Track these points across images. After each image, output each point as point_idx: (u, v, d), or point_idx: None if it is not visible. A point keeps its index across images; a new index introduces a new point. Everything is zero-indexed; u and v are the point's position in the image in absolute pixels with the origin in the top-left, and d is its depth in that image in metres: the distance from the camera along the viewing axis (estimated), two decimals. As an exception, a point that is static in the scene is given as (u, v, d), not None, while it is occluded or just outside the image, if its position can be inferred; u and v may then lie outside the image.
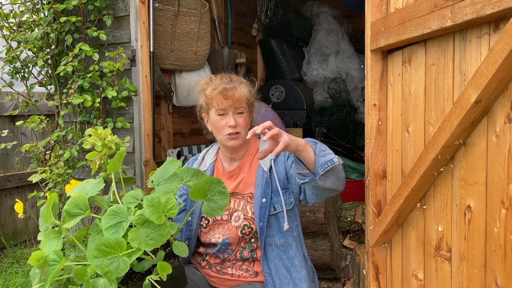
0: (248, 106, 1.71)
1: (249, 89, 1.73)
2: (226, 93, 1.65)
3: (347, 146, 4.42)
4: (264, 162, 1.70)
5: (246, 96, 1.69)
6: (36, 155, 2.64)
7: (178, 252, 1.27)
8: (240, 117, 1.68)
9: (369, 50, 1.61)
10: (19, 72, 2.69)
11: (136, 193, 1.27)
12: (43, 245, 1.20)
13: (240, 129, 1.68)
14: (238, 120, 1.67)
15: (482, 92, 1.04)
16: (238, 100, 1.66)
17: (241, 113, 1.68)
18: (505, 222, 1.06)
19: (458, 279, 1.25)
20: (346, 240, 3.08)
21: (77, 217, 1.19)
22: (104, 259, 1.08)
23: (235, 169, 1.76)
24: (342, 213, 3.08)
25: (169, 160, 1.33)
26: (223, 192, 1.25)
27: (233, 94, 1.65)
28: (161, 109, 3.41)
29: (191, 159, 1.92)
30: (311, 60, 4.85)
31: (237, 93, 1.66)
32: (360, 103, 4.72)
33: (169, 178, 1.27)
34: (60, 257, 1.14)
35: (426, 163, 1.29)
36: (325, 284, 3.05)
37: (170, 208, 1.16)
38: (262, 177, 1.68)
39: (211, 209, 1.24)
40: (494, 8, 0.98)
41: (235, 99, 1.66)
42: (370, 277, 1.69)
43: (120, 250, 1.11)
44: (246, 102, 1.70)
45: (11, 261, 3.58)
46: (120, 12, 2.58)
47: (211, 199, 1.24)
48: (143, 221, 1.14)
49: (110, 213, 1.17)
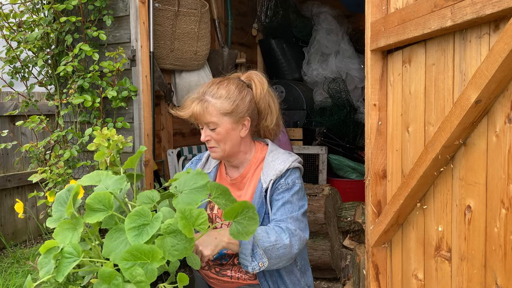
0: (229, 117, 1.58)
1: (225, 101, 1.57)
2: (184, 110, 1.60)
3: (347, 146, 4.43)
4: (265, 179, 1.63)
5: (217, 109, 1.57)
6: (36, 155, 2.64)
7: (191, 263, 1.26)
8: (212, 132, 1.60)
9: (369, 50, 1.61)
10: (19, 72, 2.69)
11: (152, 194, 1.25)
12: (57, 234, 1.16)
13: (214, 143, 1.62)
14: (210, 134, 1.60)
15: (482, 92, 1.04)
16: (197, 116, 1.58)
17: (213, 128, 1.59)
18: (505, 222, 1.06)
19: (458, 279, 1.25)
20: (346, 240, 3.08)
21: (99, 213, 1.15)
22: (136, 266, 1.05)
23: (237, 178, 1.71)
24: (342, 213, 3.08)
25: (198, 172, 1.27)
26: (253, 218, 1.21)
27: (190, 110, 1.58)
28: (161, 109, 3.42)
29: (195, 159, 1.87)
30: (311, 60, 4.86)
31: (196, 109, 1.57)
32: (360, 103, 4.72)
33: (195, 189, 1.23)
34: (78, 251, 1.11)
35: (426, 163, 1.29)
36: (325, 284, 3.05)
37: (201, 223, 1.14)
38: (260, 195, 1.63)
39: (238, 232, 1.19)
40: (494, 8, 0.98)
41: (193, 115, 1.58)
42: (370, 277, 1.69)
43: (152, 259, 1.08)
44: (220, 115, 1.57)
45: (11, 261, 3.58)
46: (120, 12, 2.58)
47: (240, 222, 1.20)
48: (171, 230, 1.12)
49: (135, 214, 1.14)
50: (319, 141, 4.38)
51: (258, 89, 1.66)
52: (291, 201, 1.60)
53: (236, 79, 1.67)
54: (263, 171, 1.64)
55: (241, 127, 1.63)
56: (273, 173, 1.61)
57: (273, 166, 1.63)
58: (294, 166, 1.64)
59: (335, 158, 4.25)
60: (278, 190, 1.60)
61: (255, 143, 1.74)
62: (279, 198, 1.60)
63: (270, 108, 1.70)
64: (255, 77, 1.68)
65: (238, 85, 1.63)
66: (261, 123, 1.71)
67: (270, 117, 1.71)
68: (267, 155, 1.68)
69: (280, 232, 1.53)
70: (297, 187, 1.61)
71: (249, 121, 1.64)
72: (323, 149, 4.25)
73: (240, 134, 1.63)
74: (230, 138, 1.61)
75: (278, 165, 1.62)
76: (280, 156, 1.66)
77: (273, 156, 1.67)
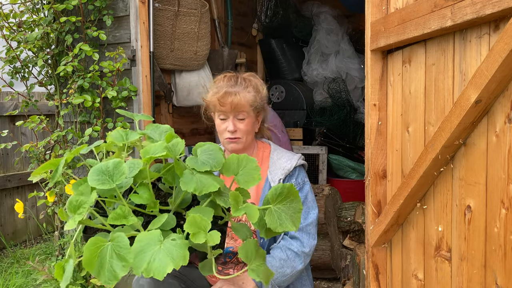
0: (253, 110, 1.65)
1: (254, 94, 1.64)
2: (223, 100, 1.60)
3: (347, 146, 4.43)
4: (273, 178, 1.65)
5: (249, 101, 1.62)
6: (36, 155, 2.64)
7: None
8: (241, 122, 1.63)
9: (369, 50, 1.61)
10: (19, 72, 2.69)
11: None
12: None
13: (240, 134, 1.64)
14: (238, 125, 1.63)
15: (482, 92, 1.04)
16: (236, 106, 1.60)
17: (242, 119, 1.63)
18: (505, 222, 1.06)
19: (458, 279, 1.25)
20: (346, 240, 3.08)
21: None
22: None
23: None
24: (342, 213, 3.08)
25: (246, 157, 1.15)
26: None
27: (231, 101, 1.60)
28: (161, 109, 3.41)
29: None
30: (311, 60, 4.85)
31: (236, 99, 1.60)
32: (360, 103, 4.72)
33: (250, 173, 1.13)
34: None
35: (426, 163, 1.29)
36: (325, 284, 3.05)
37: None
38: None
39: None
40: (494, 8, 0.98)
41: (233, 105, 1.60)
42: (370, 277, 1.69)
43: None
44: (249, 107, 1.63)
45: (11, 261, 3.58)
46: (120, 12, 2.58)
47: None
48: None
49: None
50: (319, 141, 4.38)
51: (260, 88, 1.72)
52: (306, 201, 1.65)
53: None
54: (270, 170, 1.67)
55: (257, 123, 1.72)
56: (281, 172, 1.65)
57: (280, 165, 1.67)
58: (300, 163, 1.69)
59: (335, 158, 4.25)
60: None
61: (257, 141, 1.80)
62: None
63: (265, 112, 1.77)
64: (257, 79, 1.74)
65: (258, 81, 1.71)
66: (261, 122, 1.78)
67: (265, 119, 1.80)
68: (272, 153, 1.73)
69: (294, 259, 1.58)
70: (307, 186, 1.67)
71: (261, 117, 1.73)
72: (323, 149, 4.25)
73: (255, 128, 1.72)
74: (251, 131, 1.68)
75: (285, 163, 1.67)
76: (285, 154, 1.71)
77: (277, 154, 1.71)
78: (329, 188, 3.12)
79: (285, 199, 1.04)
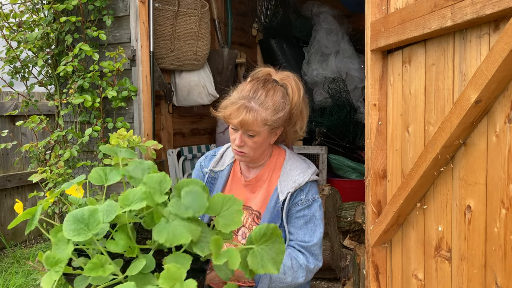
0: (267, 129, 1.51)
1: (271, 113, 1.49)
2: (230, 120, 1.49)
3: (347, 146, 4.43)
4: (282, 189, 1.56)
5: (262, 120, 1.48)
6: (36, 155, 2.64)
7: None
8: (250, 138, 1.52)
9: (369, 50, 1.61)
10: (19, 72, 2.70)
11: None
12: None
13: (247, 150, 1.54)
14: (246, 141, 1.52)
15: (482, 92, 1.04)
16: (245, 125, 1.48)
17: (251, 135, 1.51)
18: (505, 222, 1.06)
19: (458, 279, 1.25)
20: (346, 240, 3.08)
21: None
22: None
23: (252, 180, 1.64)
24: (342, 213, 3.08)
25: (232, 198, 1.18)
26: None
27: (239, 121, 1.47)
28: (161, 109, 3.42)
29: (209, 154, 1.78)
30: (311, 60, 4.85)
31: (247, 117, 1.47)
32: (360, 103, 4.72)
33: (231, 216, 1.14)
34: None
35: (426, 163, 1.29)
36: (325, 284, 3.05)
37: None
38: (275, 204, 1.56)
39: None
40: (494, 8, 0.98)
41: (241, 124, 1.48)
42: (370, 277, 1.69)
43: None
44: (262, 126, 1.49)
45: (11, 261, 3.58)
46: (120, 12, 2.58)
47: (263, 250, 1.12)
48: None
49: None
50: (319, 141, 4.38)
51: (295, 96, 1.57)
52: (313, 219, 1.56)
53: (280, 87, 1.56)
54: (281, 180, 1.58)
55: (273, 136, 1.59)
56: (292, 185, 1.55)
57: (292, 177, 1.58)
58: (313, 179, 1.59)
59: (335, 158, 4.25)
60: (298, 206, 1.55)
61: (272, 147, 1.69)
62: (300, 215, 1.55)
63: (301, 115, 1.63)
64: (293, 83, 1.60)
65: (283, 95, 1.55)
66: (287, 128, 1.62)
67: (300, 123, 1.64)
68: (285, 162, 1.62)
69: (297, 269, 1.51)
70: (317, 203, 1.57)
71: (281, 129, 1.59)
72: (323, 149, 4.25)
73: (270, 141, 1.59)
74: (262, 146, 1.57)
75: (297, 176, 1.57)
76: (299, 166, 1.61)
77: (291, 164, 1.61)
78: (329, 188, 3.12)
79: (269, 240, 1.04)
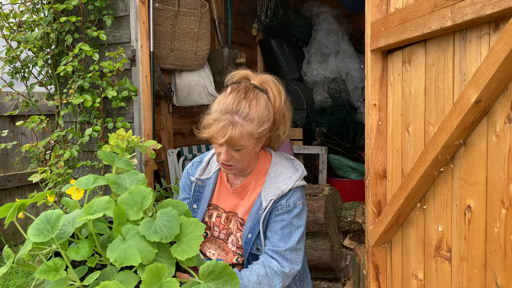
0: (254, 140, 1.46)
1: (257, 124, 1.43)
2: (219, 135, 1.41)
3: (347, 146, 4.43)
4: (265, 196, 1.53)
5: (249, 134, 1.43)
6: (36, 155, 2.64)
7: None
8: (236, 152, 1.46)
9: (369, 50, 1.61)
10: (19, 72, 2.70)
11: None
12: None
13: (234, 162, 1.49)
14: (232, 154, 1.47)
15: (482, 92, 1.04)
16: (232, 141, 1.42)
17: (238, 149, 1.46)
18: (505, 222, 1.06)
19: (458, 279, 1.25)
20: (346, 240, 3.08)
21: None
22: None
23: (238, 188, 1.61)
24: (342, 213, 3.08)
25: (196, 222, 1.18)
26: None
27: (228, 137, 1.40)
28: (161, 109, 3.42)
29: (195, 161, 1.75)
30: (311, 60, 4.85)
31: (233, 134, 1.40)
32: (360, 103, 4.72)
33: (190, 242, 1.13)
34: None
35: (426, 163, 1.29)
36: (325, 284, 3.05)
37: None
38: (257, 211, 1.54)
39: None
40: (494, 8, 0.98)
41: (229, 140, 1.41)
42: (370, 277, 1.69)
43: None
44: (248, 140, 1.44)
45: (11, 261, 3.58)
46: (120, 12, 2.58)
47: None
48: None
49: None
50: (319, 141, 4.38)
51: (277, 101, 1.53)
52: (290, 225, 1.52)
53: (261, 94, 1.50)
54: (265, 187, 1.54)
55: (259, 144, 1.54)
56: (275, 192, 1.52)
57: (276, 183, 1.54)
58: (297, 185, 1.54)
59: (335, 158, 4.25)
60: (277, 211, 1.52)
61: (259, 152, 1.64)
62: (278, 220, 1.52)
63: (284, 119, 1.58)
64: (273, 86, 1.55)
65: (266, 103, 1.49)
66: (270, 133, 1.58)
67: (283, 127, 1.59)
68: (271, 167, 1.58)
69: (273, 277, 1.48)
70: (297, 209, 1.53)
71: (266, 137, 1.55)
72: (323, 149, 4.26)
73: (256, 150, 1.55)
74: (250, 157, 1.53)
75: (281, 183, 1.53)
76: (284, 171, 1.56)
77: (276, 170, 1.57)
78: (329, 188, 3.13)
79: (218, 279, 1.05)
